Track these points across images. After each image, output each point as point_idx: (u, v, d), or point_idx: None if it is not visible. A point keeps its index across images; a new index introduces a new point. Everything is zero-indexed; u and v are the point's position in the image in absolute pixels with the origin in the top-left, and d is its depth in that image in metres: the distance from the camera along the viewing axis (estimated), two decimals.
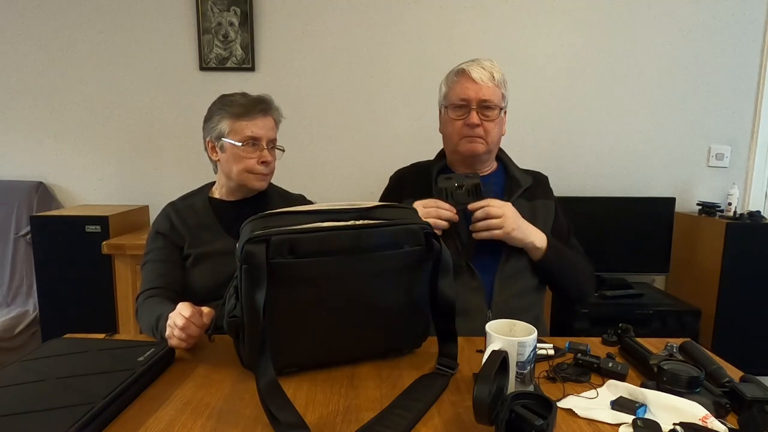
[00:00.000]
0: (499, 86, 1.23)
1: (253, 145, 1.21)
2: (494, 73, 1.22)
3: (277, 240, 0.78)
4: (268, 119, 1.24)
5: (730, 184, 2.38)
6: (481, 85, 1.21)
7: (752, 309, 2.15)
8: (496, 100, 1.22)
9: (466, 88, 1.22)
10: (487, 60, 1.25)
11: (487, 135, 1.23)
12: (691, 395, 0.75)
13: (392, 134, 2.42)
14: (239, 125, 1.20)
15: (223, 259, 1.18)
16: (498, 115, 1.23)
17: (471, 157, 1.26)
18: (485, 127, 1.22)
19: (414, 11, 2.35)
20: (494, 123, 1.23)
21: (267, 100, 1.24)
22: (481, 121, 1.21)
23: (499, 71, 1.24)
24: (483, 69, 1.22)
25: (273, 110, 1.26)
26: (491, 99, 1.21)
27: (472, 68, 1.22)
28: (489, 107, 1.21)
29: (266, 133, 1.22)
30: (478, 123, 1.21)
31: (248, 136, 1.20)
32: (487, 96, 1.21)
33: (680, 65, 2.39)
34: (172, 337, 0.91)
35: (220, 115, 1.22)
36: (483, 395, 0.64)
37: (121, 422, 0.72)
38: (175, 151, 2.43)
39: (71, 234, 2.06)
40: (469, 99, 1.21)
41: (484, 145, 1.23)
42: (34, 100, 2.40)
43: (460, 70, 1.24)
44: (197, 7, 2.31)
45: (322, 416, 0.74)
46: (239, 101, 1.22)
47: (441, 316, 0.90)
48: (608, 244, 2.32)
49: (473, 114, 1.21)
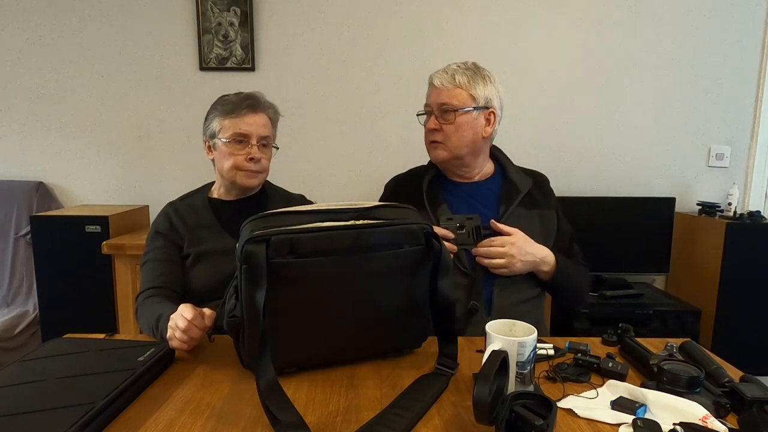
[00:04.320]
0: (462, 87, 1.19)
1: (241, 142, 1.20)
2: (456, 75, 1.20)
3: (277, 240, 0.78)
4: (259, 116, 1.22)
5: (730, 184, 2.38)
6: (440, 89, 1.21)
7: (752, 309, 2.15)
8: (456, 102, 1.19)
9: (428, 94, 1.25)
10: (460, 63, 1.23)
11: (446, 139, 1.21)
12: (691, 395, 0.75)
13: (392, 134, 2.42)
14: (228, 122, 1.20)
15: (222, 258, 1.18)
16: (457, 117, 1.19)
17: (441, 164, 1.27)
18: (444, 131, 1.21)
19: (414, 12, 2.35)
20: (453, 126, 1.20)
21: (256, 96, 1.23)
22: (440, 125, 1.21)
23: (465, 73, 1.20)
24: (446, 73, 1.21)
25: (264, 107, 1.24)
26: (448, 102, 1.19)
27: (436, 74, 1.23)
28: (446, 110, 1.20)
29: (255, 129, 1.20)
30: (434, 127, 1.22)
31: (235, 133, 1.19)
32: (444, 99, 1.20)
33: (680, 65, 2.39)
34: (173, 338, 0.91)
35: (214, 114, 1.23)
36: (483, 395, 0.64)
37: (121, 422, 0.72)
38: (175, 151, 2.43)
39: (71, 234, 2.06)
40: (430, 104, 1.23)
41: (445, 151, 1.23)
42: (35, 100, 2.40)
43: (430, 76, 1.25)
44: (197, 7, 2.31)
45: (322, 416, 0.74)
46: (230, 99, 1.22)
47: (441, 316, 0.90)
48: (608, 244, 2.32)
49: (432, 119, 1.23)
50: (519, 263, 1.14)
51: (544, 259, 1.17)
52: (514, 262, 1.13)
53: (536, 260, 1.16)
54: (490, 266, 1.15)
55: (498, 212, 1.22)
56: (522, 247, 1.14)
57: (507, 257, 1.13)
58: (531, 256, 1.15)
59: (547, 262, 1.18)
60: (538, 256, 1.16)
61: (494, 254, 1.14)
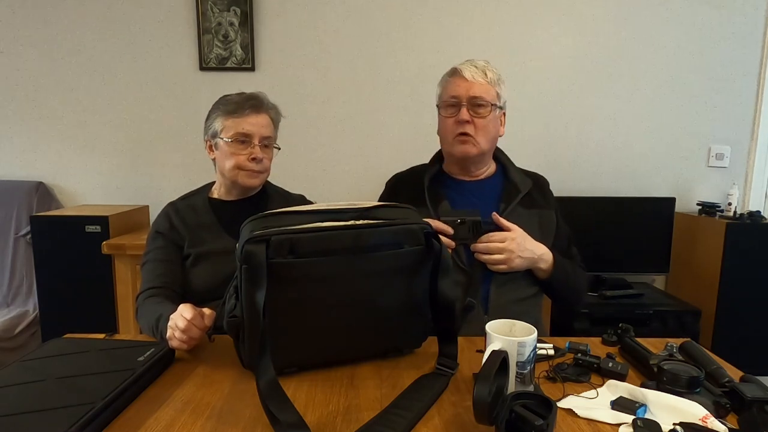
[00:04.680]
0: (492, 84, 1.21)
1: (243, 142, 1.21)
2: (487, 71, 1.22)
3: (277, 240, 0.78)
4: (261, 116, 1.22)
5: (730, 184, 2.38)
6: (472, 82, 1.20)
7: (752, 309, 2.15)
8: (488, 97, 1.20)
9: (457, 85, 1.21)
10: (482, 60, 1.25)
11: (477, 133, 1.21)
12: (691, 395, 0.75)
13: (392, 134, 2.42)
14: (230, 122, 1.20)
15: (222, 258, 1.18)
16: (490, 112, 1.21)
17: (463, 160, 1.25)
18: (476, 124, 1.20)
19: (414, 11, 2.35)
20: (486, 120, 1.21)
21: (259, 97, 1.24)
22: (471, 118, 1.20)
23: (493, 71, 1.23)
24: (475, 67, 1.21)
25: (267, 108, 1.24)
26: (482, 96, 1.20)
27: (464, 67, 1.22)
28: (480, 104, 1.20)
29: (258, 130, 1.21)
30: (468, 119, 1.19)
31: (238, 133, 1.20)
32: (478, 93, 1.20)
33: (680, 65, 2.39)
34: (173, 338, 0.91)
35: (216, 113, 1.23)
36: (483, 395, 0.64)
37: (121, 422, 0.72)
38: (175, 151, 2.43)
39: (71, 234, 2.06)
40: (459, 96, 1.21)
41: (475, 147, 1.22)
42: (35, 100, 2.40)
43: (453, 69, 1.24)
44: (197, 7, 2.31)
45: (322, 416, 0.74)
46: (233, 99, 1.22)
47: (441, 316, 0.90)
48: (608, 244, 2.31)
49: (463, 110, 1.20)
50: (518, 259, 1.14)
51: (542, 256, 1.17)
52: (512, 258, 1.13)
53: (534, 257, 1.16)
54: (489, 262, 1.15)
55: (498, 210, 1.23)
56: (521, 243, 1.15)
57: (506, 252, 1.13)
58: (529, 252, 1.16)
59: (545, 259, 1.18)
60: (537, 253, 1.17)
61: (493, 249, 1.14)
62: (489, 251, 1.14)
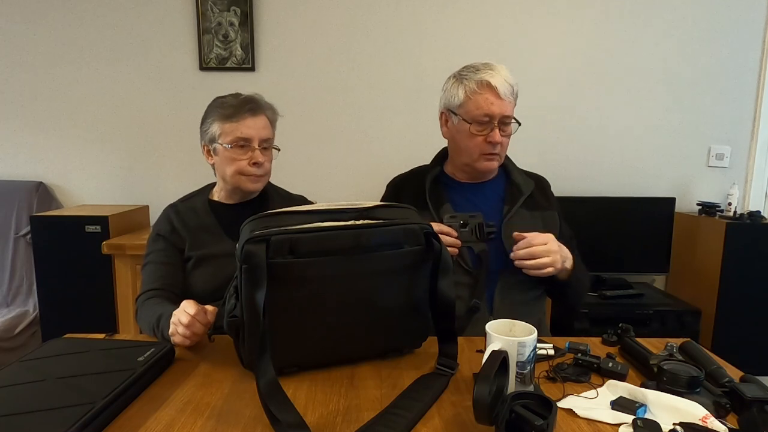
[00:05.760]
0: (514, 99, 1.20)
1: (243, 147, 1.18)
2: (514, 86, 1.18)
3: (277, 240, 0.78)
4: (259, 118, 1.20)
5: (730, 184, 2.38)
6: (505, 102, 1.16)
7: (752, 309, 2.15)
8: (513, 114, 1.20)
9: (491, 103, 1.15)
10: (503, 68, 1.19)
11: (503, 150, 1.22)
12: (691, 395, 0.75)
13: (392, 134, 2.42)
14: (228, 127, 1.18)
15: (223, 261, 1.17)
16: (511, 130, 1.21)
17: (486, 173, 1.25)
18: (503, 144, 1.20)
19: (414, 11, 2.35)
20: (508, 138, 1.21)
21: (255, 99, 1.21)
22: (501, 138, 1.18)
23: (514, 83, 1.19)
24: (506, 83, 1.16)
25: (263, 109, 1.22)
26: (512, 114, 1.19)
27: (497, 81, 1.15)
28: (508, 123, 1.19)
29: (257, 133, 1.19)
30: (500, 141, 1.18)
31: (237, 138, 1.17)
32: (509, 112, 1.18)
33: (680, 65, 2.39)
34: (175, 334, 0.91)
35: (212, 118, 1.21)
36: (483, 395, 0.64)
37: (121, 422, 0.72)
38: (175, 151, 2.43)
39: (71, 234, 2.06)
40: (493, 115, 1.16)
41: (499, 161, 1.23)
42: (34, 100, 2.40)
43: (484, 81, 1.15)
44: (197, 7, 2.31)
45: (322, 416, 0.74)
46: (229, 102, 1.19)
47: (441, 316, 0.90)
48: (608, 244, 2.31)
49: (496, 132, 1.16)
50: (560, 258, 1.09)
51: (567, 256, 1.13)
52: (558, 259, 1.08)
53: (567, 257, 1.13)
54: (536, 267, 1.07)
55: (501, 212, 1.22)
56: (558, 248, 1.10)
57: (552, 254, 1.07)
58: (562, 253, 1.11)
59: (569, 258, 1.14)
60: (564, 252, 1.12)
61: (538, 253, 1.07)
62: (533, 255, 1.07)
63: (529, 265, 1.08)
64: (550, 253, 1.07)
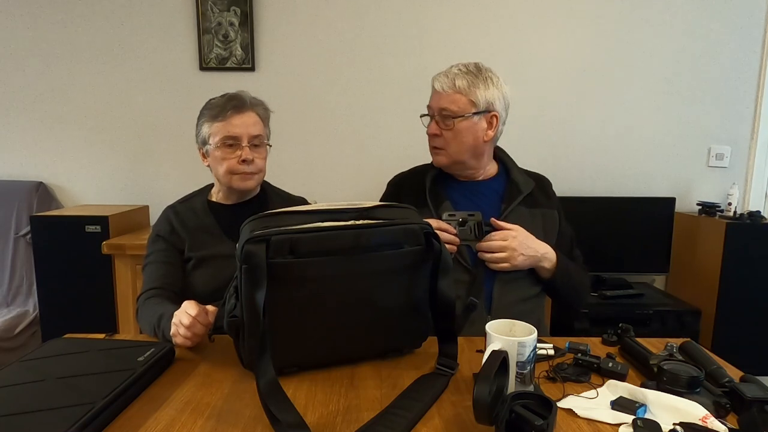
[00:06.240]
0: (462, 92, 1.17)
1: (231, 146, 1.17)
2: (457, 79, 1.17)
3: (277, 240, 0.78)
4: (246, 115, 1.18)
5: (730, 184, 2.38)
6: (440, 94, 1.20)
7: (752, 309, 2.15)
8: (455, 107, 1.18)
9: (430, 97, 1.24)
10: (462, 65, 1.20)
11: (446, 145, 1.21)
12: (691, 395, 0.75)
13: (392, 134, 2.42)
14: (215, 127, 1.17)
15: (223, 262, 1.17)
16: (459, 122, 1.18)
17: (443, 168, 1.27)
18: (444, 137, 1.21)
19: (414, 11, 2.35)
20: (452, 132, 1.19)
21: (240, 96, 1.20)
22: (440, 130, 1.21)
23: (466, 77, 1.18)
24: (446, 77, 1.20)
25: (251, 105, 1.20)
26: (448, 107, 1.18)
27: (439, 76, 1.21)
28: (445, 116, 1.19)
29: (244, 130, 1.17)
30: (435, 133, 1.21)
31: (225, 136, 1.17)
32: (444, 104, 1.19)
33: (680, 65, 2.39)
34: (177, 335, 0.91)
35: (202, 119, 1.20)
36: (483, 395, 0.64)
37: (121, 422, 0.72)
38: (175, 151, 2.43)
39: (71, 234, 2.06)
40: (431, 108, 1.23)
41: (446, 157, 1.23)
42: (34, 100, 2.40)
43: (433, 83, 1.24)
44: (197, 7, 2.31)
45: (322, 416, 0.74)
46: (216, 102, 1.19)
47: (441, 316, 0.90)
48: (608, 244, 2.31)
49: (432, 124, 1.22)
50: (520, 257, 1.13)
51: (545, 255, 1.17)
52: (515, 256, 1.13)
53: (537, 255, 1.16)
54: (492, 260, 1.14)
55: (499, 210, 1.22)
56: (523, 241, 1.14)
57: (508, 250, 1.13)
58: (532, 250, 1.15)
59: (548, 258, 1.17)
60: (540, 252, 1.16)
61: (495, 248, 1.13)
62: (491, 250, 1.14)
63: (487, 258, 1.15)
64: (506, 249, 1.13)
